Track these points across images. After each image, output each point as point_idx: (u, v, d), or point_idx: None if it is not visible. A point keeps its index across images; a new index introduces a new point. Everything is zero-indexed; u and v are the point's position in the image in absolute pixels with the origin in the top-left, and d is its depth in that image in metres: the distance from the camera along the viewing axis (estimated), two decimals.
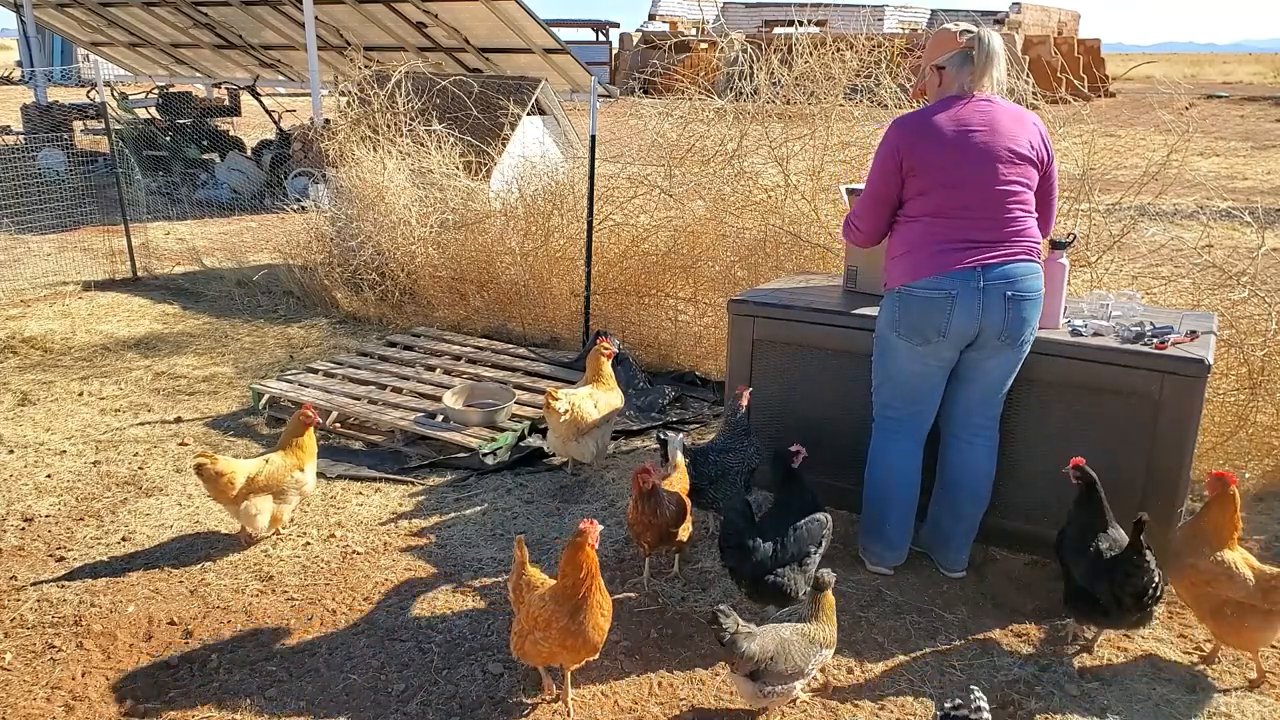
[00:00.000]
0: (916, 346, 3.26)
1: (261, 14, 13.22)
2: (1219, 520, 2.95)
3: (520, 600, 2.79)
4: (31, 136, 12.62)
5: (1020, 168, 3.17)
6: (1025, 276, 3.18)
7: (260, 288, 7.37)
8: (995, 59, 3.19)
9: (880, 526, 3.53)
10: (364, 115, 7.17)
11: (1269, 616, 2.83)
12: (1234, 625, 2.88)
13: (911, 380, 3.36)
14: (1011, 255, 3.17)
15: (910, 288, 3.22)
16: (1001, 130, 3.16)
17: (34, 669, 2.99)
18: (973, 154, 3.15)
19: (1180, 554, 3.00)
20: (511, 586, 2.87)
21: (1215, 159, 14.62)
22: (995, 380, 3.32)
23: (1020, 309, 3.18)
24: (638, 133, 6.60)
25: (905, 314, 3.24)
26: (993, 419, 3.41)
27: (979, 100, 3.21)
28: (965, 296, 3.15)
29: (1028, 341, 3.27)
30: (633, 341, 5.78)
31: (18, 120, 14.21)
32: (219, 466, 3.58)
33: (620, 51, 29.94)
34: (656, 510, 3.31)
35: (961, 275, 3.15)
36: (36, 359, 5.92)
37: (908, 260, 3.24)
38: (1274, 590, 2.81)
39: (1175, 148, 4.78)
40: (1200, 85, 28.17)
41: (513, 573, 2.87)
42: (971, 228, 3.16)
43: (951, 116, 3.20)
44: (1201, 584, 2.92)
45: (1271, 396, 4.12)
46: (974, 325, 3.19)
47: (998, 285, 3.15)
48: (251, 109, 14.23)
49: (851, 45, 5.50)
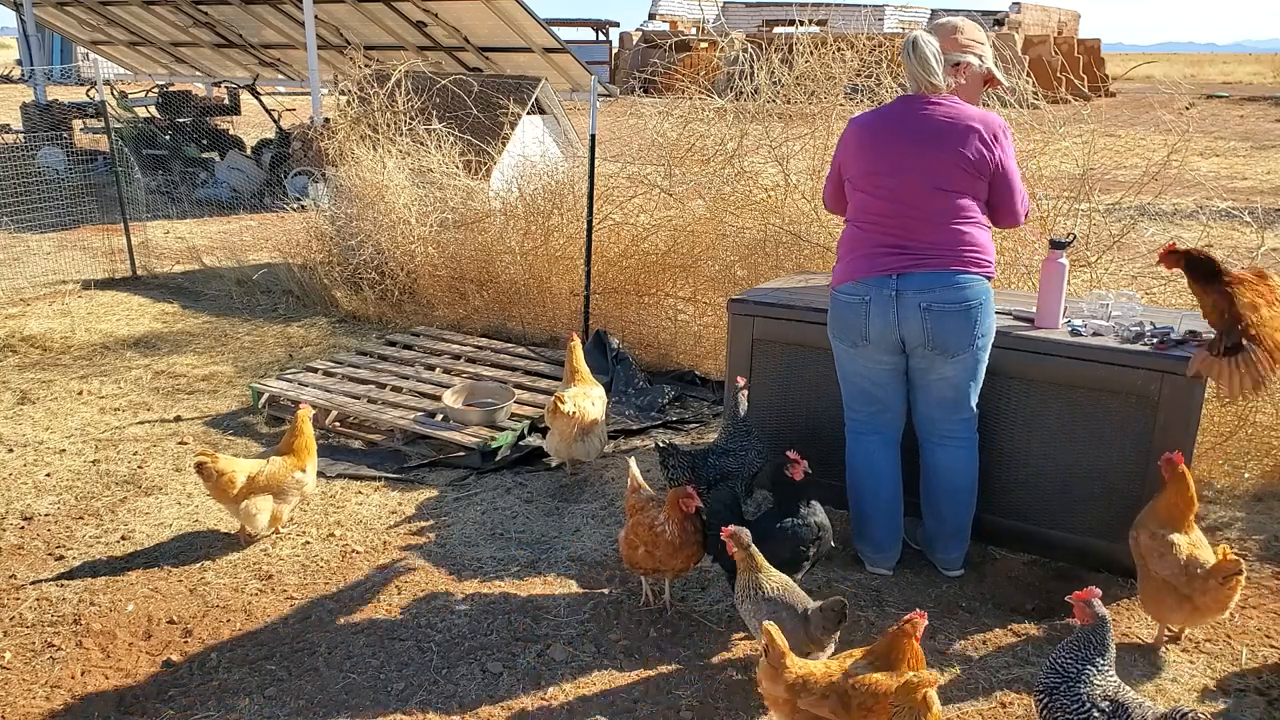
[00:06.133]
0: (849, 348, 3.33)
1: (261, 13, 13.20)
2: (1174, 500, 3.01)
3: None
4: (31, 135, 12.60)
5: (953, 175, 3.10)
6: (944, 287, 3.12)
7: (260, 287, 7.37)
8: (912, 59, 3.10)
9: (863, 527, 3.54)
10: (364, 114, 7.16)
11: (1185, 601, 2.93)
12: (1156, 600, 3.02)
13: (858, 381, 3.40)
14: (931, 265, 3.12)
15: (836, 291, 3.33)
16: (932, 135, 3.10)
17: (33, 668, 2.99)
18: (890, 161, 3.13)
19: (1136, 524, 3.11)
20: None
21: (1215, 159, 14.61)
22: (947, 391, 3.27)
23: (940, 320, 3.13)
24: (638, 132, 6.60)
25: (834, 317, 3.35)
26: (961, 424, 3.34)
27: (919, 102, 3.15)
28: (878, 303, 3.18)
29: (968, 353, 3.18)
30: (632, 341, 5.78)
31: (17, 119, 14.19)
32: (220, 465, 3.58)
33: (620, 51, 29.94)
34: (696, 529, 3.22)
35: (875, 282, 3.18)
36: (36, 358, 5.92)
37: (840, 264, 3.34)
38: (1196, 578, 2.90)
39: (1175, 148, 4.78)
40: (1200, 85, 28.16)
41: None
42: (891, 235, 3.17)
43: (884, 120, 3.19)
44: (1140, 556, 3.05)
45: (1271, 397, 4.12)
46: (892, 332, 3.19)
47: (911, 295, 3.13)
48: (251, 108, 14.22)
49: (852, 45, 5.50)
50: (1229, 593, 2.90)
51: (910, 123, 3.14)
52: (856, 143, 3.26)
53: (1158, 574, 2.97)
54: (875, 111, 3.32)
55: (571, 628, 3.21)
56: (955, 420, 3.34)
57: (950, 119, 3.12)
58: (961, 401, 3.30)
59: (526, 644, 3.11)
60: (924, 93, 3.16)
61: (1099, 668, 2.41)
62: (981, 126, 3.11)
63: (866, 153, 3.22)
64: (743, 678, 2.95)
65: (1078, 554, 3.53)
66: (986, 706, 2.84)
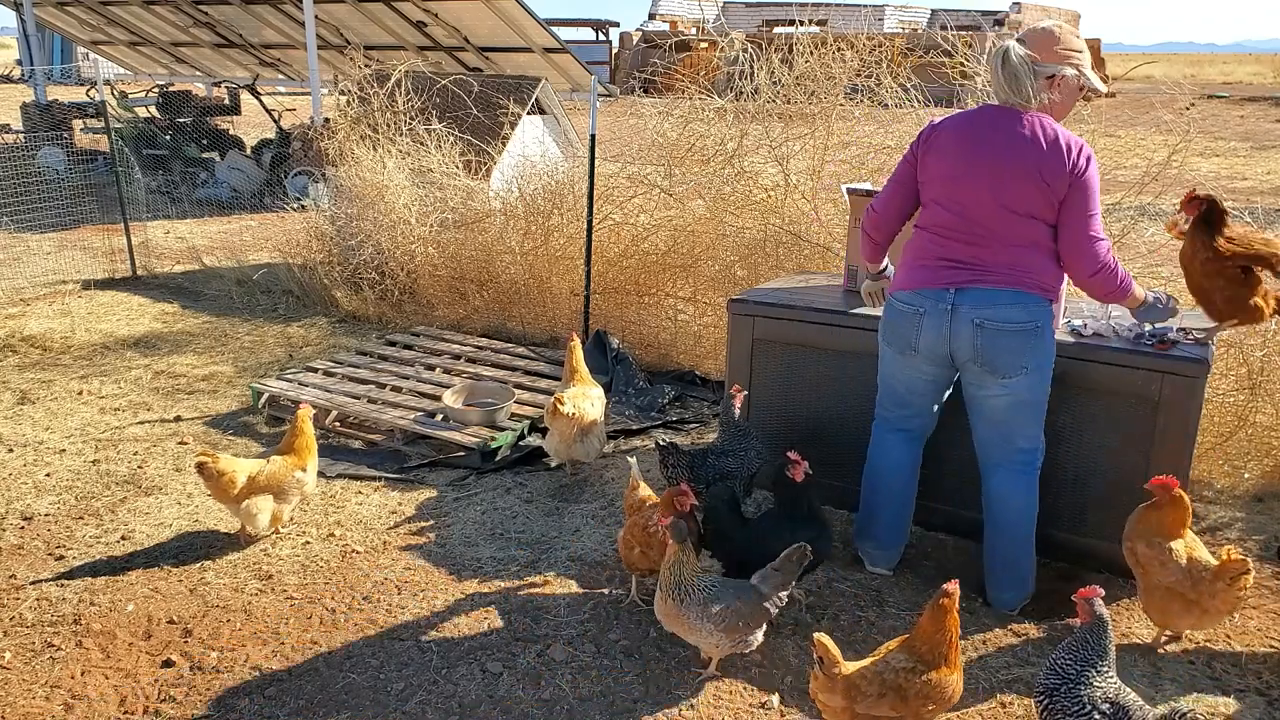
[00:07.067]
0: (896, 354, 3.30)
1: (262, 13, 13.21)
2: (1170, 516, 3.00)
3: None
4: (31, 135, 12.60)
5: (1028, 199, 2.98)
6: (1001, 305, 3.03)
7: (260, 287, 7.37)
8: (1000, 75, 3.00)
9: (870, 524, 3.53)
10: (364, 114, 7.16)
11: (1192, 606, 2.93)
12: (1162, 608, 3.01)
13: (895, 385, 3.37)
14: (991, 281, 3.04)
15: (892, 297, 3.29)
16: (1016, 156, 2.97)
17: (33, 668, 2.99)
18: (968, 174, 3.03)
19: (1129, 535, 3.08)
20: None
21: (1215, 159, 14.62)
22: (997, 414, 3.17)
23: (993, 339, 3.03)
24: (638, 132, 6.60)
25: (887, 321, 3.31)
26: (1017, 453, 3.21)
27: (1010, 116, 3.02)
28: (933, 316, 3.12)
29: (1020, 376, 3.07)
30: (632, 341, 5.78)
31: (17, 119, 14.19)
32: (221, 465, 3.58)
33: (620, 51, 29.93)
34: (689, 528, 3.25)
35: (934, 294, 3.12)
36: (36, 357, 5.92)
37: (901, 269, 3.29)
38: (1201, 581, 2.90)
39: (1175, 148, 4.78)
40: (1200, 85, 28.13)
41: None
42: (955, 249, 3.09)
43: (973, 128, 3.06)
44: (1139, 565, 3.03)
45: (1271, 397, 4.13)
46: (943, 346, 3.13)
47: (966, 309, 3.06)
48: (251, 108, 14.22)
49: (852, 45, 5.50)
50: (1237, 593, 2.89)
51: (996, 137, 3.01)
52: (941, 146, 3.11)
53: (1161, 582, 2.95)
54: (965, 117, 3.14)
55: (571, 628, 3.20)
56: (1009, 448, 3.22)
57: (1038, 141, 2.98)
58: (1014, 427, 3.18)
59: (526, 644, 3.11)
60: (1016, 107, 3.03)
61: (1099, 669, 2.41)
62: (1065, 147, 2.97)
63: (948, 159, 3.09)
64: (743, 677, 2.95)
65: (1078, 554, 3.54)
66: (986, 707, 2.84)
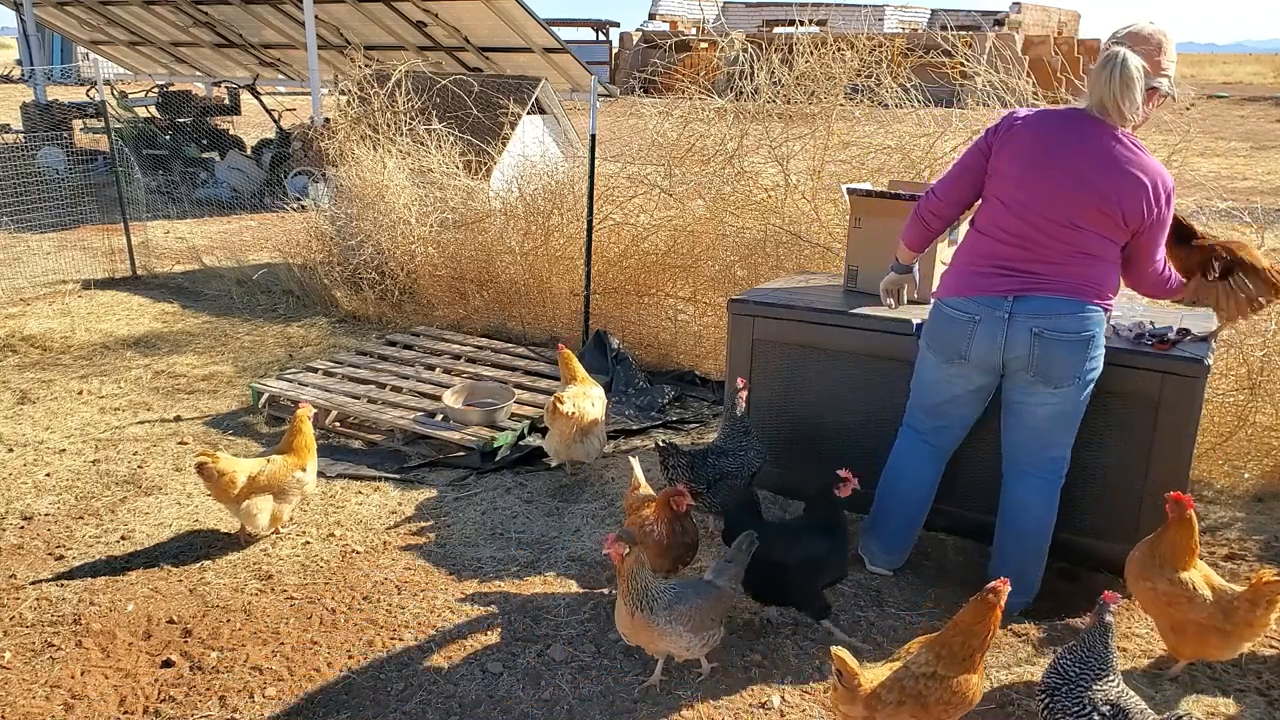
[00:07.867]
0: (941, 362, 3.20)
1: (262, 13, 13.21)
2: (1178, 543, 2.88)
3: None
4: (31, 135, 12.60)
5: (1098, 220, 2.90)
6: (1060, 315, 2.96)
7: (260, 287, 7.37)
8: (1115, 85, 2.82)
9: (879, 526, 3.52)
10: (364, 114, 7.16)
11: (1229, 636, 2.81)
12: (1196, 644, 2.87)
13: (934, 395, 3.28)
14: (1049, 290, 2.97)
15: (941, 303, 3.20)
16: (1100, 175, 2.87)
17: (33, 667, 2.99)
18: (1044, 185, 2.92)
19: (1139, 573, 2.94)
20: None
21: (1215, 159, 14.62)
22: (1040, 421, 3.12)
23: (1050, 348, 2.97)
24: (638, 132, 6.60)
25: (934, 327, 3.21)
26: (1047, 461, 3.18)
27: (1101, 130, 2.91)
28: (988, 324, 3.03)
29: (1072, 386, 3.02)
30: (633, 341, 5.78)
31: (17, 119, 14.19)
32: (221, 465, 3.58)
33: (620, 51, 29.93)
34: (686, 529, 3.27)
35: (990, 302, 3.03)
36: (36, 357, 5.92)
37: (950, 274, 3.20)
38: (1235, 610, 2.79)
39: (1176, 148, 4.78)
40: (1200, 85, 28.15)
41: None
42: (1016, 255, 3.00)
43: (1061, 132, 2.94)
44: (1162, 604, 2.89)
45: (1271, 397, 4.13)
46: (996, 354, 3.05)
47: (1024, 318, 2.98)
48: (251, 108, 14.22)
49: (852, 45, 5.50)
50: (1271, 613, 2.79)
51: (1082, 155, 2.90)
52: (1018, 146, 2.99)
53: (1194, 619, 2.83)
54: (1050, 119, 3.00)
55: (571, 628, 3.20)
56: (1042, 456, 3.18)
57: (1128, 174, 2.88)
58: (1053, 436, 3.15)
59: (526, 644, 3.11)
60: (1109, 120, 2.91)
61: (1101, 671, 2.41)
62: (1152, 185, 2.89)
63: (1023, 162, 2.97)
64: (743, 678, 2.95)
65: (1079, 554, 3.53)
66: (986, 707, 2.84)
